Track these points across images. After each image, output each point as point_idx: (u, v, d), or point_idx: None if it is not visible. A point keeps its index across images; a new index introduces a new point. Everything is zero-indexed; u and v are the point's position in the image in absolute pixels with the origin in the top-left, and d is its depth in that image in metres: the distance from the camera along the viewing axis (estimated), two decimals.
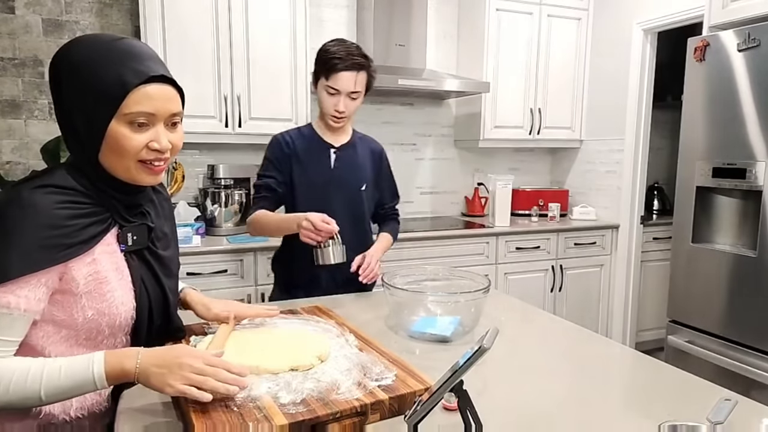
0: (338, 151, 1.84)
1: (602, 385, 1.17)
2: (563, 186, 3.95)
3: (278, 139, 1.84)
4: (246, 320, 1.34)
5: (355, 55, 1.70)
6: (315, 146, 1.83)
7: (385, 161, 1.99)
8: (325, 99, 1.75)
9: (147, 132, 0.92)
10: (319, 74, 1.75)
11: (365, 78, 1.75)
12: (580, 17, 3.59)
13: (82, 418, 0.98)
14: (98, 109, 0.88)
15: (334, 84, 1.70)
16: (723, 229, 2.39)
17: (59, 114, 0.94)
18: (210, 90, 2.74)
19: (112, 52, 0.89)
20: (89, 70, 0.88)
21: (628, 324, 3.55)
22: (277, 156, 1.82)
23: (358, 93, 1.74)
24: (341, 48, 1.70)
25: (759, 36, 2.11)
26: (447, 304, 1.37)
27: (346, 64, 1.68)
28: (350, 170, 1.85)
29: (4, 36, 2.70)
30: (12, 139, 2.77)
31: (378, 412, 0.92)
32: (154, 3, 2.60)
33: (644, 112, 3.37)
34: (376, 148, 1.96)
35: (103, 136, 0.89)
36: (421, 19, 3.24)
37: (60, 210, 0.87)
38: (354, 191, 1.86)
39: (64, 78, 0.90)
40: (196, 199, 3.07)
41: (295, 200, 1.82)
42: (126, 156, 0.91)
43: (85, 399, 0.98)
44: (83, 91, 0.88)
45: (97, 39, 0.93)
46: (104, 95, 0.87)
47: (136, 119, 0.90)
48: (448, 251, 3.08)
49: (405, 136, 3.59)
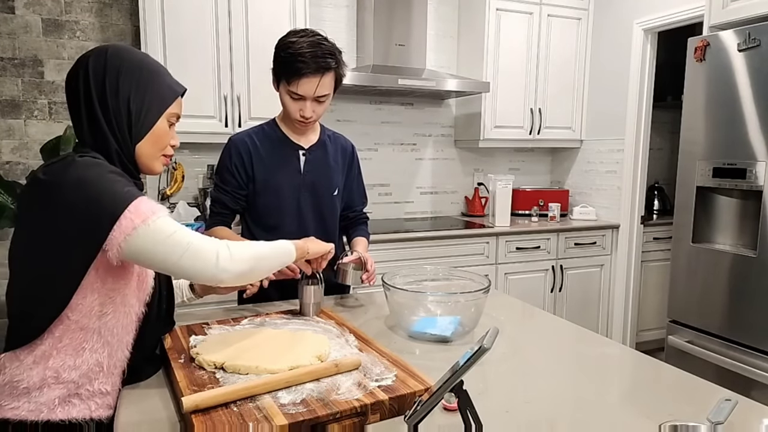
0: (307, 153, 1.65)
1: (602, 385, 1.17)
2: (563, 186, 3.95)
3: (236, 143, 1.62)
4: (246, 320, 1.34)
5: (319, 56, 1.46)
6: (281, 148, 1.63)
7: (356, 161, 1.80)
8: (288, 103, 1.54)
9: (171, 130, 1.10)
10: (278, 75, 1.53)
11: (332, 78, 1.52)
12: (580, 17, 3.59)
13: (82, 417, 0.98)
14: (153, 105, 1.05)
15: (297, 90, 1.49)
16: (723, 229, 2.39)
17: (107, 101, 1.00)
18: (210, 90, 2.74)
19: (157, 65, 1.09)
20: (148, 74, 1.05)
21: (628, 324, 3.55)
22: (235, 165, 1.60)
23: (325, 96, 1.53)
24: (304, 45, 1.45)
25: (759, 36, 2.11)
26: (447, 304, 1.36)
27: (310, 68, 1.46)
28: (321, 174, 1.67)
29: (4, 36, 2.70)
30: (12, 139, 2.76)
31: (378, 413, 0.92)
32: (154, 3, 2.60)
33: (644, 112, 3.37)
34: (347, 147, 1.77)
35: (152, 127, 1.05)
36: (421, 19, 3.24)
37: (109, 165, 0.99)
38: (326, 197, 1.68)
39: (125, 72, 1.02)
40: (195, 199, 3.07)
41: (258, 209, 1.63)
42: (160, 147, 1.08)
43: (85, 398, 0.98)
44: (144, 89, 1.03)
45: (138, 51, 1.10)
46: (159, 96, 1.06)
47: (171, 119, 1.09)
48: (448, 251, 3.07)
49: (405, 136, 3.59)
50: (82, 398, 0.97)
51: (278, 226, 1.61)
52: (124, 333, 1.02)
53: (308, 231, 1.58)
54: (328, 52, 1.48)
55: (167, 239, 0.94)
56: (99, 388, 0.99)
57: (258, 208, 1.64)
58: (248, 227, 1.68)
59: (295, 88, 1.50)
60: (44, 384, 0.94)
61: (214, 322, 1.32)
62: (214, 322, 1.31)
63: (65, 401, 0.96)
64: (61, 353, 0.95)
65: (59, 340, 0.95)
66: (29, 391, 0.94)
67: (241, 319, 1.35)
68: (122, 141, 1.02)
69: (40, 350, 0.94)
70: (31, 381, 0.94)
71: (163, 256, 0.94)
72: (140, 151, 1.05)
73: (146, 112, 1.04)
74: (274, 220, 1.62)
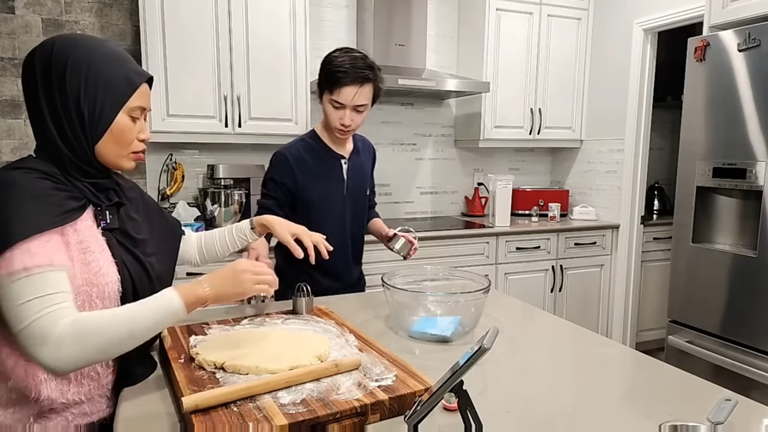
0: (348, 161, 1.83)
1: (602, 385, 1.17)
2: (563, 186, 3.95)
3: (285, 157, 1.75)
4: (246, 320, 1.34)
5: (359, 67, 1.63)
6: (326, 159, 1.79)
7: (375, 159, 2.02)
8: (330, 112, 1.70)
9: (137, 124, 1.02)
10: (323, 87, 1.70)
11: (371, 90, 1.69)
12: (580, 17, 3.59)
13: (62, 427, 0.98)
14: (107, 101, 0.96)
15: (338, 98, 1.65)
16: (723, 229, 2.39)
17: (54, 102, 0.94)
18: (210, 90, 2.74)
19: (113, 53, 0.98)
20: (98, 66, 0.95)
21: (628, 324, 3.55)
22: (283, 175, 1.74)
23: (364, 106, 1.69)
24: (346, 59, 1.64)
25: (759, 36, 2.11)
26: (447, 304, 1.36)
27: (350, 77, 1.62)
28: (359, 179, 1.86)
29: (4, 36, 2.70)
30: (12, 139, 2.76)
31: (378, 413, 0.92)
32: (154, 3, 2.60)
33: (644, 112, 3.37)
34: (371, 148, 1.98)
35: (109, 126, 0.97)
36: (421, 19, 3.24)
37: (40, 182, 0.91)
38: (361, 198, 1.88)
39: (72, 67, 0.93)
40: (195, 199, 3.07)
41: (306, 215, 1.71)
42: (124, 145, 1.00)
43: (60, 411, 0.97)
44: (95, 84, 0.94)
45: (90, 39, 1.00)
46: (114, 90, 0.96)
47: (134, 113, 1.00)
48: (448, 251, 3.07)
49: (405, 136, 3.59)
50: (57, 411, 0.96)
51: (322, 229, 1.66)
52: None
53: (347, 229, 1.82)
54: (367, 66, 1.66)
55: (17, 306, 0.84)
56: (72, 398, 0.96)
57: (306, 214, 1.73)
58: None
59: (336, 97, 1.65)
60: (14, 402, 0.93)
61: (214, 322, 1.32)
62: (214, 322, 1.31)
63: (40, 416, 0.95)
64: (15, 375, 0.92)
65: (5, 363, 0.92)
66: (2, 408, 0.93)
67: (241, 319, 1.35)
68: (75, 145, 0.95)
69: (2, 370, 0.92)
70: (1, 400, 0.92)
71: (10, 318, 0.85)
72: (102, 151, 0.98)
73: (100, 111, 0.95)
74: (321, 224, 1.67)
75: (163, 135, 2.66)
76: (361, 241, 1.93)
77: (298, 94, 2.91)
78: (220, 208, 2.84)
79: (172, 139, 2.72)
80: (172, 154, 2.97)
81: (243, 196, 2.90)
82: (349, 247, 1.85)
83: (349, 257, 1.87)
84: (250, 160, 3.11)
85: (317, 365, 1.02)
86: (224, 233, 1.38)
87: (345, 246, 1.83)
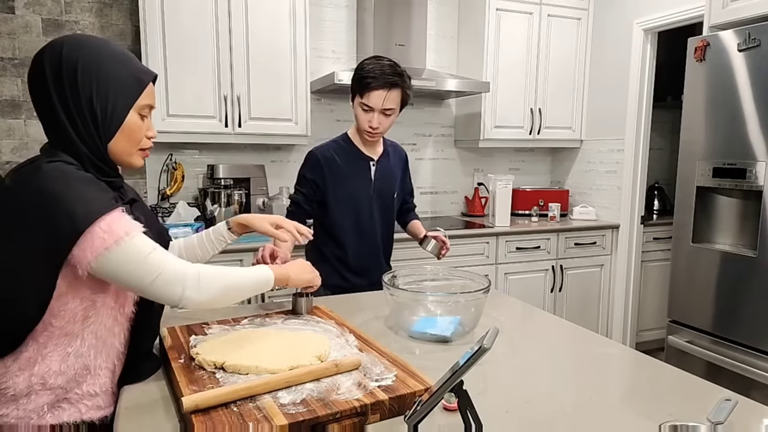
0: (377, 163, 1.93)
1: (602, 385, 1.17)
2: (563, 186, 3.95)
3: (316, 156, 1.88)
4: (246, 320, 1.34)
5: (388, 73, 1.74)
6: (356, 160, 1.90)
7: (409, 165, 2.11)
8: (360, 115, 1.81)
9: (145, 122, 1.05)
10: (354, 91, 1.81)
11: (399, 95, 1.78)
12: (580, 17, 3.59)
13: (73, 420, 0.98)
14: (119, 100, 0.99)
15: (367, 101, 1.76)
16: (723, 229, 2.39)
17: (68, 103, 0.95)
18: (210, 90, 2.74)
19: (119, 53, 1.02)
20: (108, 66, 0.98)
21: (628, 324, 3.55)
22: (313, 173, 1.87)
23: (392, 110, 1.79)
24: (376, 66, 1.76)
25: (759, 36, 2.11)
26: (447, 304, 1.36)
27: (379, 82, 1.73)
28: (387, 181, 1.96)
29: (4, 36, 2.70)
30: (12, 139, 2.76)
31: (378, 413, 0.92)
32: (153, 3, 2.60)
33: (644, 112, 3.37)
34: (402, 154, 2.08)
35: (121, 124, 1.00)
36: (421, 19, 3.24)
37: (84, 173, 0.95)
38: (389, 199, 1.98)
39: (82, 72, 0.95)
40: (195, 199, 3.07)
41: (335, 213, 1.88)
42: (135, 142, 1.03)
43: (74, 402, 0.97)
44: (106, 84, 0.97)
45: (96, 39, 1.02)
46: (124, 89, 0.99)
47: (143, 111, 1.03)
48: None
49: (405, 136, 3.59)
50: (71, 402, 0.97)
51: (350, 226, 1.90)
52: (110, 335, 1.01)
53: (375, 228, 1.93)
54: (396, 73, 1.76)
55: (141, 262, 0.92)
56: (87, 390, 0.98)
57: (335, 211, 1.88)
58: (322, 226, 1.92)
59: (366, 100, 1.76)
60: (31, 391, 0.93)
61: (214, 322, 1.32)
62: (214, 322, 1.31)
63: (54, 406, 0.95)
64: (46, 359, 0.94)
65: (44, 347, 0.94)
66: (17, 399, 0.93)
67: (241, 319, 1.35)
68: (91, 144, 0.97)
69: (25, 357, 0.93)
70: (18, 388, 0.93)
71: (136, 278, 0.92)
72: (114, 149, 1.01)
73: (112, 110, 0.98)
74: (349, 221, 1.89)
75: (163, 135, 2.66)
76: (390, 239, 2.04)
77: (298, 94, 2.91)
78: (220, 208, 2.84)
79: (172, 139, 2.72)
80: (172, 154, 2.98)
81: (243, 196, 2.90)
82: (379, 245, 1.97)
83: (380, 255, 1.98)
84: (250, 160, 3.11)
85: (317, 365, 1.02)
86: (203, 237, 1.38)
87: (375, 244, 1.95)
